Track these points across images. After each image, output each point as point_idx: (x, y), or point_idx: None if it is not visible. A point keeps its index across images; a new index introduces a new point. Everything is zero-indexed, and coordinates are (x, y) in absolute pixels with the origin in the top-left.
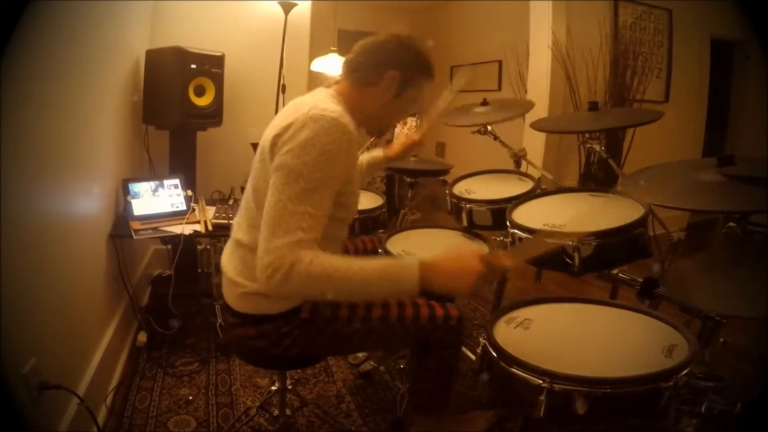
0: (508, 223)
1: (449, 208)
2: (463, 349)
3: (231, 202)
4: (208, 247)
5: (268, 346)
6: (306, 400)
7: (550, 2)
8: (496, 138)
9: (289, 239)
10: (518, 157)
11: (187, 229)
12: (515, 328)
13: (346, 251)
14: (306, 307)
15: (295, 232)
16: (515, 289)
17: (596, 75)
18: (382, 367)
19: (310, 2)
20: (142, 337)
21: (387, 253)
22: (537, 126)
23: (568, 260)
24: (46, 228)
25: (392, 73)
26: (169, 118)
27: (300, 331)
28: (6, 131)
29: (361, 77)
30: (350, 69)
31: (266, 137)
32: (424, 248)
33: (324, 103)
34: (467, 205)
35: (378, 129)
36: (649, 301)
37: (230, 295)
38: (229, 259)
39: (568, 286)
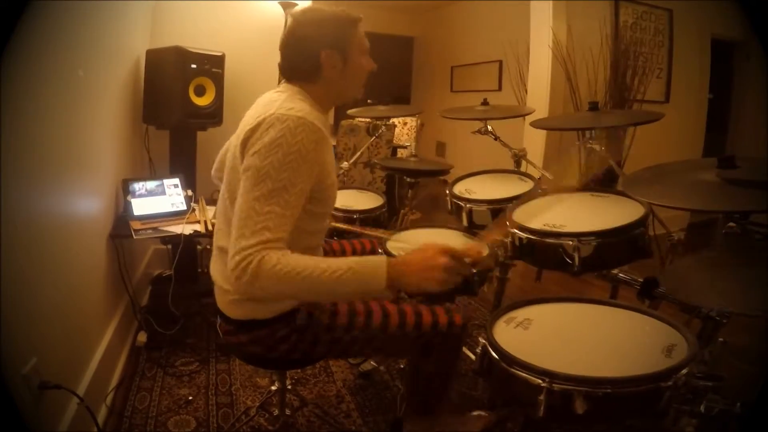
0: (508, 223)
1: (449, 208)
2: (463, 348)
3: None
4: (209, 246)
5: (263, 351)
6: (306, 400)
7: (551, 2)
8: (496, 138)
9: (256, 239)
10: (518, 157)
11: (187, 229)
12: (515, 327)
13: (344, 252)
14: (302, 315)
15: (262, 232)
16: (515, 288)
17: (597, 75)
18: (382, 367)
19: (310, 2)
20: (142, 337)
21: (387, 253)
22: (537, 124)
23: (568, 260)
24: (46, 228)
25: (325, 53)
26: (169, 118)
27: (297, 337)
28: (6, 131)
29: (305, 76)
30: (289, 75)
31: (237, 136)
32: None
33: (291, 101)
34: (467, 205)
35: (351, 96)
36: (649, 301)
37: (221, 302)
38: (216, 267)
39: (568, 286)
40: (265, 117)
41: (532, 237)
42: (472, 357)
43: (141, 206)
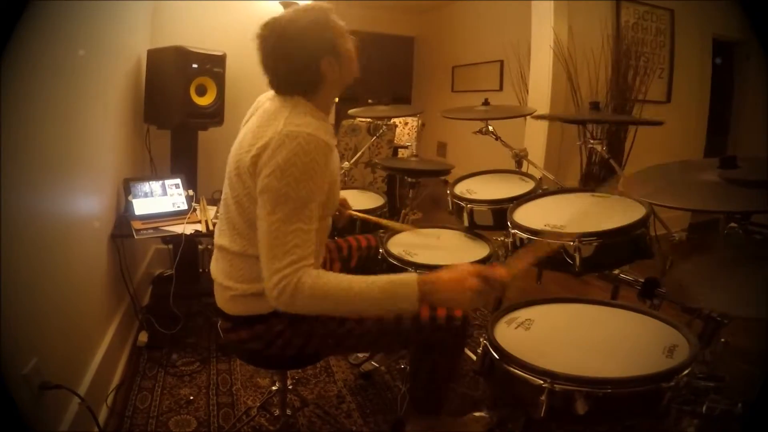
0: (509, 223)
1: (450, 208)
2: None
3: None
4: (210, 246)
5: (262, 348)
6: (307, 400)
7: (552, 2)
8: (497, 138)
9: (289, 258)
10: (519, 158)
11: (188, 229)
12: (516, 328)
13: (340, 249)
14: None
15: (293, 250)
16: (516, 289)
17: (598, 75)
18: (382, 367)
19: (310, 2)
20: (143, 337)
21: (387, 253)
22: (540, 116)
23: (569, 260)
24: (47, 228)
25: (326, 61)
26: (170, 118)
27: (292, 330)
28: (7, 131)
29: (306, 88)
30: (286, 89)
31: (242, 152)
32: (424, 248)
33: (296, 116)
34: (468, 205)
35: (341, 93)
36: (650, 301)
37: (221, 299)
38: (216, 265)
39: (569, 287)
40: (273, 135)
41: (533, 237)
42: (474, 357)
43: (142, 206)
